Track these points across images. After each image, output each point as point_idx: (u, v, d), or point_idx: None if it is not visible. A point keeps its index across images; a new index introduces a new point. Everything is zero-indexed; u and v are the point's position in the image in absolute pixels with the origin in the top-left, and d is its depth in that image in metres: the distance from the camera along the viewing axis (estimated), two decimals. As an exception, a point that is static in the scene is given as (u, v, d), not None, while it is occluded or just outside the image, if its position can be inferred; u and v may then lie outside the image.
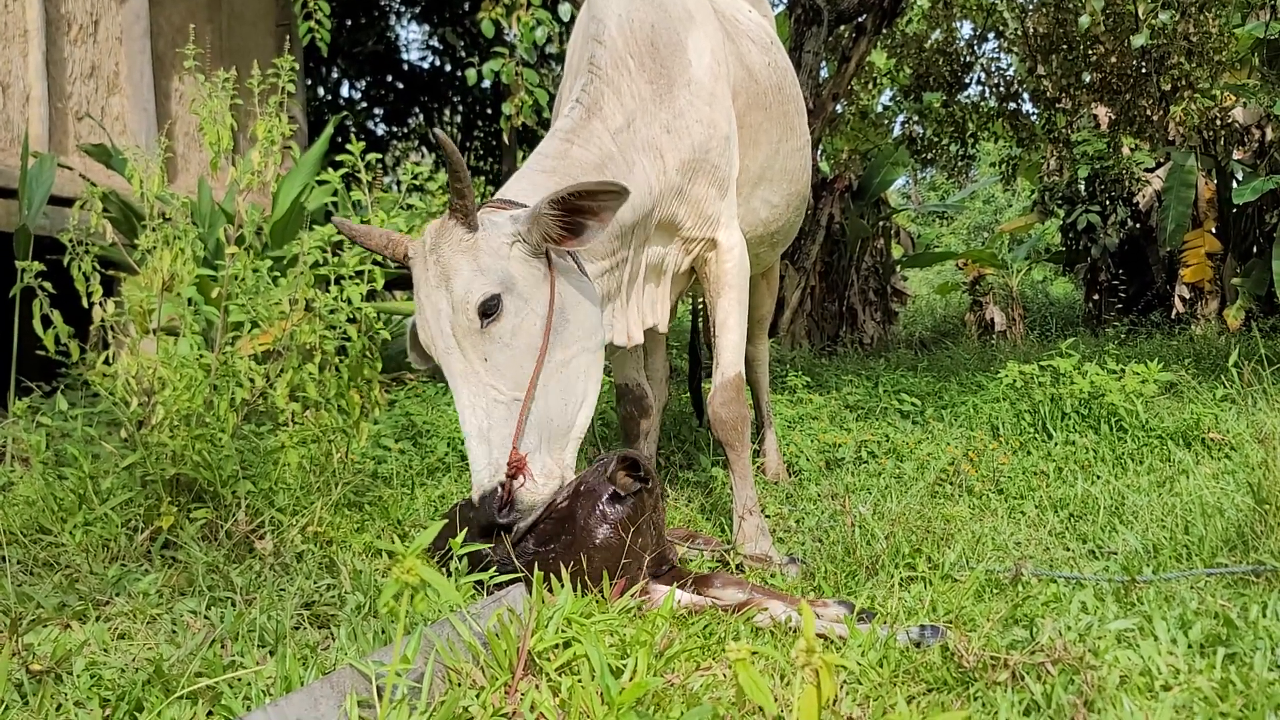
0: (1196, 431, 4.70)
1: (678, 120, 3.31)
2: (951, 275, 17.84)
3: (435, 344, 2.81)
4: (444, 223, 2.80)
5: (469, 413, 2.75)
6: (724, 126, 3.43)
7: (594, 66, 3.24)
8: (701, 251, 3.50)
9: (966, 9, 11.48)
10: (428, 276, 2.79)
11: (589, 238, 2.88)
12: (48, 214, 6.17)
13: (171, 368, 3.41)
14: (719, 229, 3.46)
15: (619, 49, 3.27)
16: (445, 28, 13.39)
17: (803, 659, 1.28)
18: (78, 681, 2.08)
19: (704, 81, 3.40)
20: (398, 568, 1.42)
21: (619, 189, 2.80)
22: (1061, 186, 12.78)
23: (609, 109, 3.20)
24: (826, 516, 3.73)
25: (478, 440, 2.73)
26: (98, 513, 3.09)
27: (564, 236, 2.86)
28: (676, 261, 3.51)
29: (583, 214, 2.84)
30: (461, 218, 2.76)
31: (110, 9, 7.87)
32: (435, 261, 2.77)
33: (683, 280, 3.67)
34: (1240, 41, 10.08)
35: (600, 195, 2.81)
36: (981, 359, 8.65)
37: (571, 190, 2.78)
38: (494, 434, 2.73)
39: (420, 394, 6.02)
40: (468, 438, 2.75)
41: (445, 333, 2.77)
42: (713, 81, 3.43)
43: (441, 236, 2.79)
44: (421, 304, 2.82)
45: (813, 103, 9.07)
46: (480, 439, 2.73)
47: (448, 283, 2.76)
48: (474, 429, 2.74)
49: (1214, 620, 2.36)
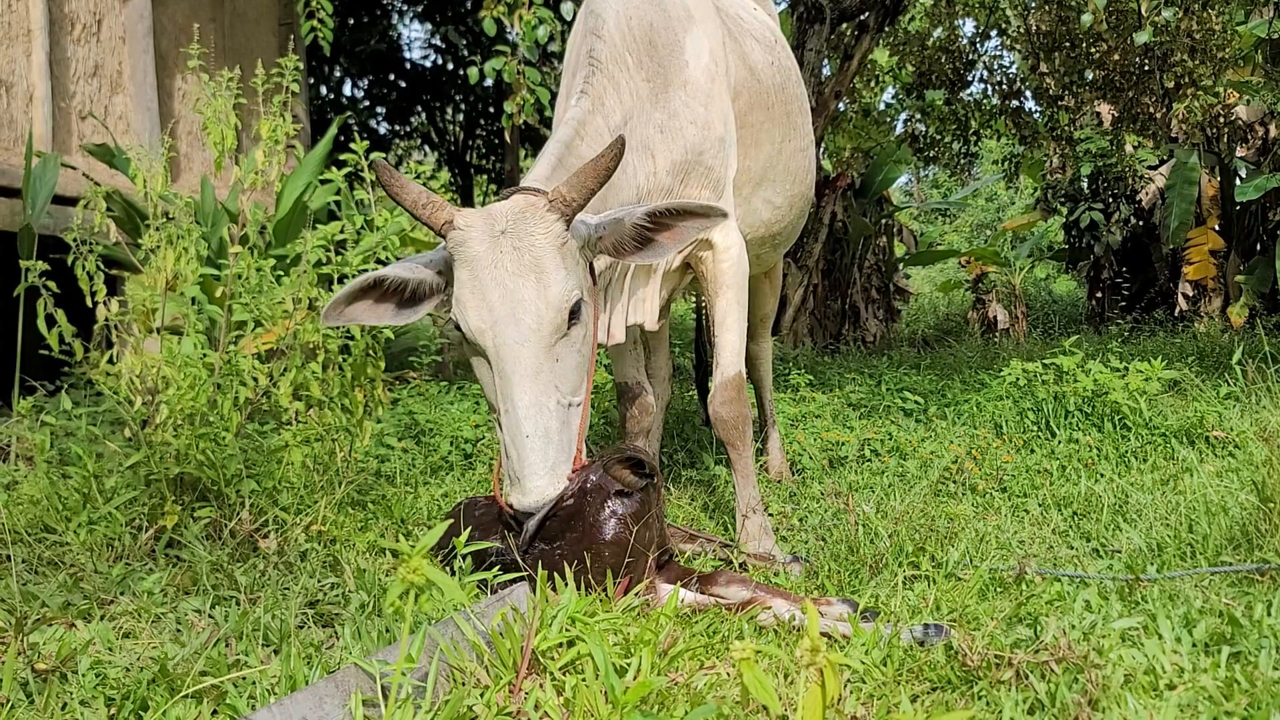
0: (1200, 430, 4.70)
1: (672, 120, 3.30)
2: (954, 273, 17.84)
3: (502, 334, 2.64)
4: (532, 207, 2.70)
5: (534, 411, 2.61)
6: (719, 128, 3.40)
7: (594, 60, 3.22)
8: (697, 251, 3.47)
9: (969, 7, 11.46)
10: (502, 260, 2.65)
11: (660, 254, 2.88)
12: (51, 213, 6.18)
13: (175, 367, 3.42)
14: (714, 230, 3.43)
15: (618, 45, 3.27)
16: (447, 26, 13.39)
17: (807, 658, 1.28)
18: (83, 680, 2.09)
19: (700, 82, 3.39)
20: (403, 568, 1.42)
21: (719, 213, 2.82)
22: (1064, 184, 12.77)
23: (610, 104, 3.19)
24: (830, 515, 3.73)
25: (541, 441, 2.61)
26: (102, 512, 3.10)
27: (636, 248, 2.86)
28: (667, 260, 3.49)
29: (662, 230, 2.84)
30: (563, 209, 2.70)
31: (113, 8, 7.88)
32: (516, 248, 2.66)
33: (675, 278, 3.64)
34: (1243, 39, 10.07)
35: (693, 216, 2.82)
36: (984, 357, 8.64)
37: (672, 207, 2.78)
38: (556, 437, 2.64)
39: (423, 393, 6.03)
40: (527, 437, 2.60)
41: (523, 324, 2.63)
42: (709, 82, 3.42)
43: (529, 223, 2.68)
44: (486, 287, 2.65)
45: (815, 100, 9.06)
46: (544, 440, 2.61)
47: (540, 276, 2.65)
48: (538, 429, 2.61)
49: (1219, 619, 2.36)
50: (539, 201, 2.71)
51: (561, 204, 2.69)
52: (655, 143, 3.27)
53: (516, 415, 2.61)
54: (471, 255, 2.67)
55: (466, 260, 2.68)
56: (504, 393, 2.64)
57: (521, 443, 2.61)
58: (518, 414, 2.61)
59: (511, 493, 2.65)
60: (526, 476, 2.60)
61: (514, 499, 2.63)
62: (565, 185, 2.72)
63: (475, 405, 5.66)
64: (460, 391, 6.19)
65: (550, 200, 2.70)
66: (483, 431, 5.03)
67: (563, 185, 2.72)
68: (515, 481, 2.63)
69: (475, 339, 2.68)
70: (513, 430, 2.62)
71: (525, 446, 2.60)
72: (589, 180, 2.71)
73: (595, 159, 2.73)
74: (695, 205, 2.82)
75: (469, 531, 2.40)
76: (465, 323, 2.68)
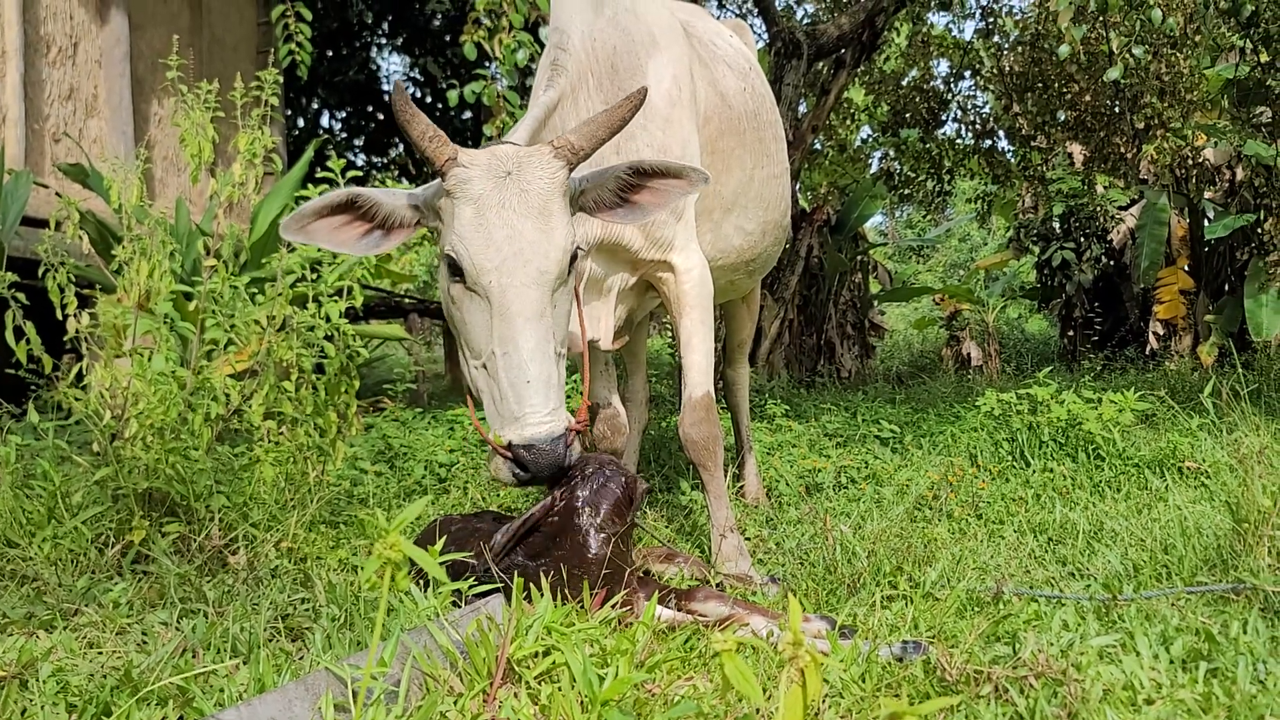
0: (1173, 460, 4.72)
1: (628, 142, 3.29)
2: (928, 311, 17.94)
3: (510, 275, 2.59)
4: (538, 151, 2.68)
5: (538, 354, 2.58)
6: (676, 152, 3.39)
7: (557, 67, 3.22)
8: (658, 272, 3.46)
9: (943, 47, 11.62)
10: (509, 201, 2.61)
11: (639, 216, 2.87)
12: (21, 234, 6.13)
13: (146, 382, 3.38)
14: (673, 252, 3.42)
15: (582, 63, 3.28)
16: (426, 58, 13.44)
17: (790, 651, 1.26)
18: (44, 687, 2.04)
19: (659, 106, 3.39)
20: (380, 543, 1.39)
21: (700, 177, 2.82)
22: (1036, 223, 12.88)
23: (570, 118, 3.20)
24: (807, 538, 3.71)
25: (543, 384, 2.57)
26: (67, 526, 3.04)
27: (615, 205, 2.85)
28: (624, 279, 3.47)
29: (641, 191, 2.84)
30: (569, 157, 2.68)
31: (90, 32, 7.87)
32: (523, 190, 2.62)
33: (632, 297, 3.61)
34: (1210, 82, 10.23)
35: (675, 177, 2.82)
36: (958, 392, 8.67)
37: (655, 165, 2.79)
38: (555, 382, 2.62)
39: (398, 418, 5.98)
40: (529, 380, 2.56)
41: (530, 266, 2.59)
42: (669, 107, 3.42)
43: (536, 167, 2.65)
44: (491, 226, 2.60)
45: (792, 135, 9.13)
46: (545, 383, 2.57)
47: (546, 219, 2.63)
48: (541, 372, 2.58)
49: (1195, 636, 2.36)
50: (544, 147, 2.69)
51: (569, 150, 2.68)
52: (610, 163, 3.26)
53: (520, 357, 2.57)
54: (476, 194, 2.62)
55: (470, 198, 2.62)
56: (504, 335, 2.59)
57: (522, 385, 2.57)
58: (521, 355, 2.57)
59: (508, 430, 2.59)
60: (529, 413, 2.56)
61: (514, 434, 2.57)
62: (574, 133, 2.71)
63: (450, 430, 5.62)
64: (434, 418, 6.15)
65: (556, 147, 2.68)
66: (457, 456, 4.99)
67: (571, 133, 2.72)
68: (514, 420, 2.58)
69: (477, 278, 2.61)
70: (513, 372, 2.57)
71: (527, 389, 2.57)
72: (600, 130, 2.72)
73: (610, 109, 2.74)
74: (677, 166, 2.81)
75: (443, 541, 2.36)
76: (469, 260, 2.61)
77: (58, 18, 7.62)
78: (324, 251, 4.07)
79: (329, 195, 2.70)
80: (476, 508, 4.16)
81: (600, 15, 3.41)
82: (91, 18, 7.89)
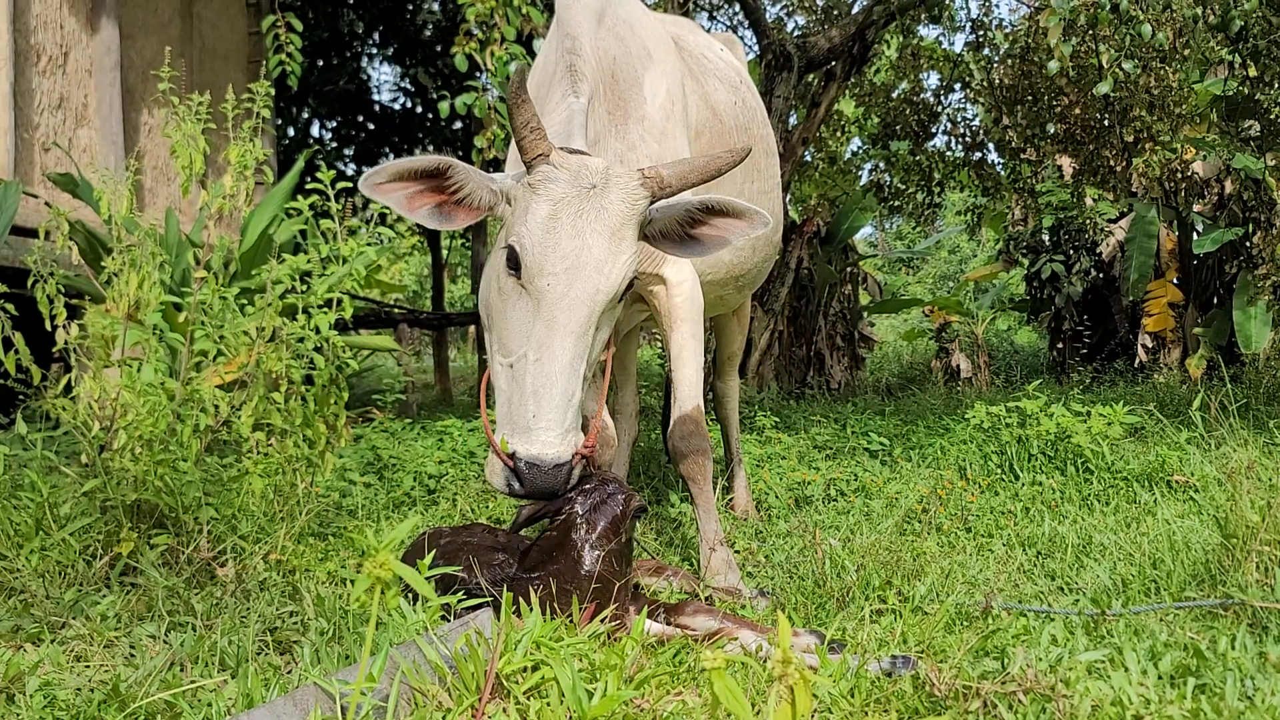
0: (1162, 474, 4.73)
1: (630, 152, 3.30)
2: (918, 322, 17.99)
3: (571, 284, 2.57)
4: (628, 175, 2.67)
5: (569, 369, 2.56)
6: None
7: (575, 72, 3.21)
8: (650, 285, 3.46)
9: (934, 60, 11.66)
10: (586, 213, 2.60)
11: (698, 252, 2.88)
12: (10, 244, 6.11)
13: (135, 392, 3.36)
14: (665, 265, 3.41)
15: (592, 69, 3.28)
16: (417, 68, 13.42)
17: (779, 669, 1.25)
18: (31, 702, 2.02)
19: (655, 119, 3.40)
20: (369, 562, 1.39)
21: (764, 221, 2.81)
22: (1026, 236, 12.95)
23: (589, 119, 3.19)
24: (796, 551, 3.71)
25: (564, 400, 2.55)
26: (55, 538, 3.02)
27: (678, 241, 2.86)
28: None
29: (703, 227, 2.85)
30: (655, 189, 2.68)
31: (80, 41, 7.85)
32: (603, 207, 2.61)
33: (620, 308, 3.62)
34: (1199, 96, 10.29)
35: (737, 217, 2.82)
36: (948, 404, 8.69)
37: (721, 203, 2.79)
38: (575, 402, 2.59)
39: (387, 429, 5.97)
40: (550, 398, 2.54)
41: (590, 282, 2.58)
42: (664, 120, 3.43)
43: (620, 189, 2.65)
44: (563, 233, 2.59)
45: (783, 147, 9.16)
46: (566, 400, 2.55)
47: (618, 243, 2.62)
48: (566, 388, 2.56)
49: (1184, 652, 2.36)
50: (634, 172, 2.69)
51: (657, 183, 2.69)
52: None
53: (553, 367, 2.55)
54: (557, 196, 2.61)
55: (550, 198, 2.61)
56: (543, 341, 2.57)
57: (545, 395, 2.54)
58: (554, 366, 2.55)
59: (517, 439, 2.57)
60: (541, 429, 2.54)
61: (522, 446, 2.55)
62: (668, 168, 2.71)
63: (439, 442, 5.61)
64: (423, 429, 6.14)
65: (647, 176, 2.68)
66: (446, 467, 4.99)
67: (664, 167, 2.72)
68: (525, 430, 2.56)
69: (533, 277, 2.58)
70: (541, 380, 2.55)
71: (548, 400, 2.54)
72: (693, 175, 2.72)
73: (711, 156, 2.76)
74: (742, 206, 2.82)
75: (432, 555, 2.36)
76: (531, 257, 2.58)
77: (48, 26, 7.61)
78: (313, 263, 4.07)
79: (420, 159, 2.68)
80: (466, 520, 4.15)
81: (602, 25, 3.43)
82: (82, 27, 7.87)
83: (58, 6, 7.68)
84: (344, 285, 4.11)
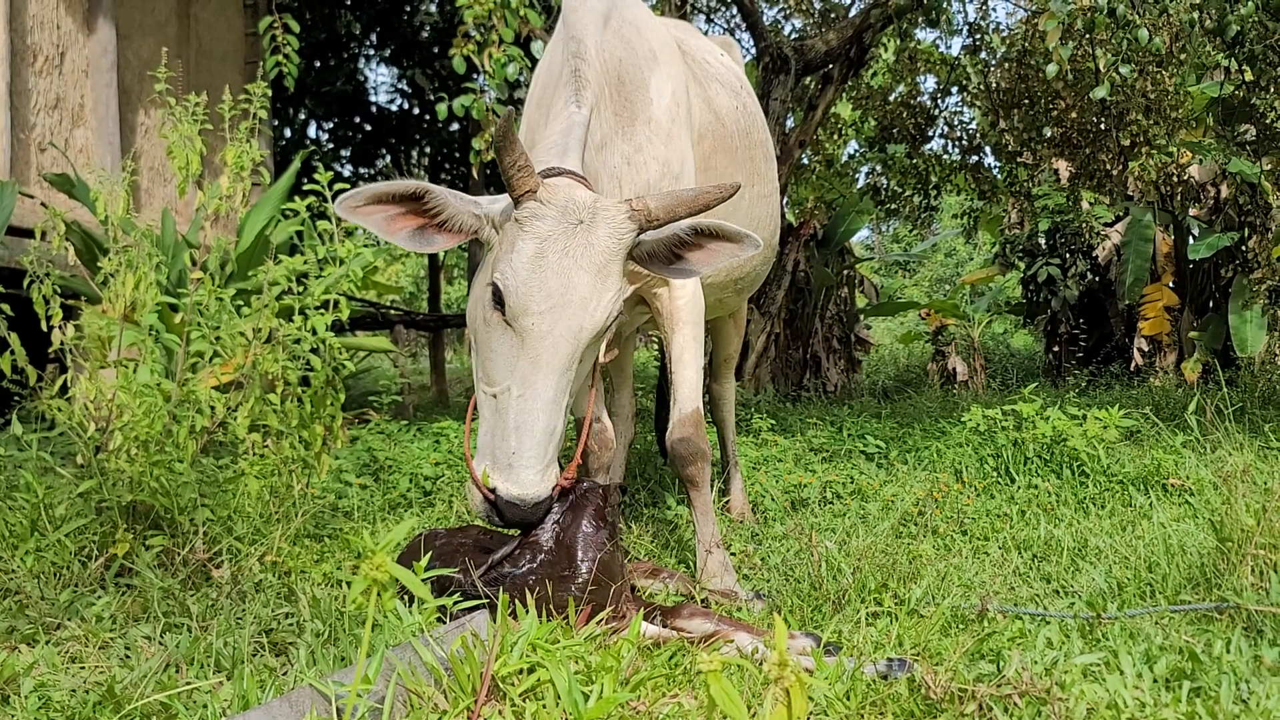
0: (1158, 477, 4.73)
1: (637, 154, 3.31)
2: (914, 325, 18.01)
3: (554, 322, 2.56)
4: (615, 208, 2.65)
5: (551, 406, 2.56)
6: (676, 167, 3.40)
7: (580, 77, 3.18)
8: (652, 287, 3.45)
9: (930, 64, 11.67)
10: (572, 250, 2.58)
11: (687, 274, 2.85)
12: (6, 244, 6.10)
13: (130, 393, 3.36)
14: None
15: (597, 73, 3.28)
16: (415, 69, 13.43)
17: (775, 672, 1.25)
18: (25, 703, 2.02)
19: (662, 121, 3.40)
20: (366, 564, 1.39)
21: (753, 244, 2.79)
22: (1022, 239, 12.97)
23: (593, 124, 3.17)
24: (792, 554, 3.72)
25: (545, 436, 2.55)
26: (50, 539, 3.02)
27: (667, 263, 2.83)
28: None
29: (694, 249, 2.82)
30: (643, 223, 2.66)
31: (77, 41, 7.85)
32: (589, 243, 2.59)
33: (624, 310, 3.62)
34: (1195, 100, 10.31)
35: (728, 239, 2.80)
36: (944, 407, 8.70)
37: (712, 226, 2.76)
38: (556, 438, 2.59)
39: (384, 431, 5.97)
40: (532, 435, 2.54)
41: (574, 320, 2.56)
42: (670, 122, 3.43)
43: (606, 223, 2.63)
44: (549, 270, 2.57)
45: (780, 149, 9.16)
46: (547, 436, 2.56)
47: (604, 279, 2.60)
48: (548, 424, 2.56)
49: (1179, 655, 2.37)
50: (622, 205, 2.67)
51: (644, 216, 2.67)
52: (623, 174, 3.27)
53: (535, 404, 2.55)
54: (543, 233, 2.58)
55: (535, 235, 2.58)
56: (526, 378, 2.56)
57: (527, 432, 2.55)
58: (535, 403, 2.55)
59: (498, 477, 2.58)
60: (522, 467, 2.55)
61: (501, 485, 2.57)
62: (655, 201, 2.68)
63: (435, 444, 5.61)
64: (419, 431, 6.14)
65: (634, 209, 2.66)
66: (442, 469, 4.98)
67: (652, 200, 2.69)
68: (506, 467, 2.57)
69: (518, 316, 2.57)
70: (523, 417, 2.55)
71: (529, 437, 2.55)
72: (681, 208, 2.69)
73: (700, 191, 2.72)
74: (733, 229, 2.79)
75: (428, 557, 2.36)
76: (515, 297, 2.56)
77: (45, 27, 7.60)
78: (310, 264, 4.07)
79: (396, 183, 2.66)
80: (462, 522, 4.15)
81: (608, 27, 3.42)
82: (79, 27, 7.87)
83: (54, 6, 7.68)
84: (340, 286, 4.11)
